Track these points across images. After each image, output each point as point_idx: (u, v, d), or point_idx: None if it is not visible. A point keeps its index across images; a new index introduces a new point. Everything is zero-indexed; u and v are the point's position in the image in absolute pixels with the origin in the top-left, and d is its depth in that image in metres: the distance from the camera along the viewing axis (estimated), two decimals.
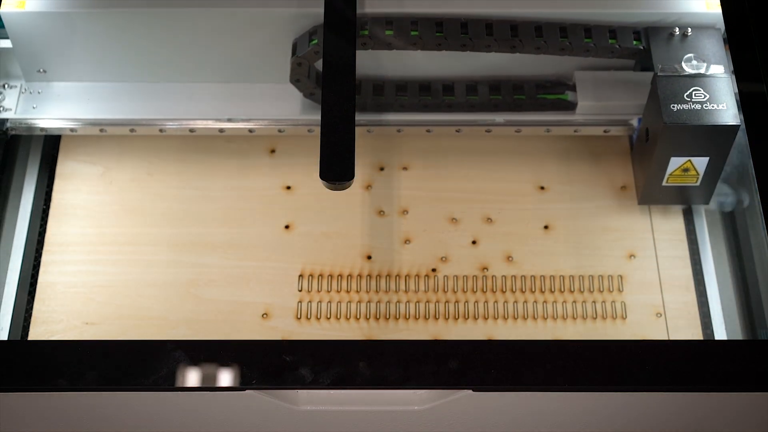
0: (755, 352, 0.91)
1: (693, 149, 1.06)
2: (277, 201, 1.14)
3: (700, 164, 1.07)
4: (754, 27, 1.10)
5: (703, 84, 1.05)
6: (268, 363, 0.89)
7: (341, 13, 1.05)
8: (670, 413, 0.96)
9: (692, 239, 1.12)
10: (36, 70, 1.16)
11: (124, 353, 0.90)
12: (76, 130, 1.15)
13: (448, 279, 1.09)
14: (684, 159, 1.06)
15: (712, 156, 1.06)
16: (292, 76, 1.12)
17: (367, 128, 1.16)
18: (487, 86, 1.15)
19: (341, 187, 0.95)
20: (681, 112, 1.03)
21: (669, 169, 1.07)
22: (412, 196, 1.14)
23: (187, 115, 1.15)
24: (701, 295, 1.09)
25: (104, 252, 1.10)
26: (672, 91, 1.05)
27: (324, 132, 0.97)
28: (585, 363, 0.89)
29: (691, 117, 1.03)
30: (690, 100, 1.04)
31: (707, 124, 1.03)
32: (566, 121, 1.15)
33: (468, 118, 1.15)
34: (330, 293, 1.08)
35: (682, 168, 1.07)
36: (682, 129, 1.03)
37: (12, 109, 1.15)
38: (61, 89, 1.16)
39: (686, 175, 1.07)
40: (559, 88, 1.16)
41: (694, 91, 1.04)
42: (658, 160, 1.07)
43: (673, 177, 1.08)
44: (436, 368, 0.88)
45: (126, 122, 1.15)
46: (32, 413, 0.95)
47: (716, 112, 1.03)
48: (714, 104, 1.04)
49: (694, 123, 1.03)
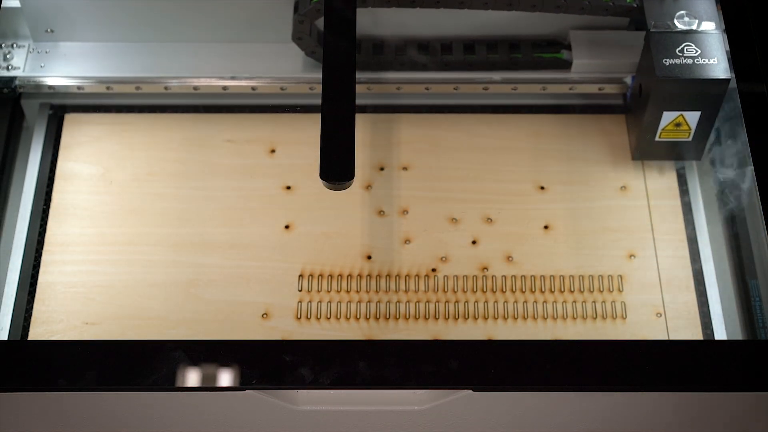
0: (755, 352, 0.91)
1: (685, 103, 1.08)
2: (277, 201, 1.14)
3: (692, 119, 1.09)
4: (754, 27, 1.10)
5: (694, 40, 1.08)
6: (268, 363, 0.89)
7: (341, 13, 1.05)
8: (670, 413, 0.96)
9: (692, 241, 1.12)
10: (44, 30, 1.19)
11: (124, 353, 0.90)
12: (83, 88, 1.18)
13: (448, 279, 1.09)
14: (676, 113, 1.09)
15: (704, 110, 1.09)
16: (295, 34, 1.14)
17: (367, 86, 1.18)
18: (484, 45, 1.18)
19: (341, 187, 0.95)
20: (673, 66, 1.06)
21: (662, 124, 1.10)
22: (412, 196, 1.15)
23: (191, 73, 1.18)
24: (701, 295, 1.09)
25: (104, 252, 1.10)
26: (664, 47, 1.07)
27: (324, 132, 0.97)
28: (585, 363, 0.89)
29: (683, 71, 1.06)
30: (682, 55, 1.07)
31: (699, 77, 1.06)
32: (562, 79, 1.18)
33: (465, 76, 1.18)
34: (330, 293, 1.08)
35: (675, 123, 1.09)
36: (674, 83, 1.06)
37: (20, 68, 1.18)
38: (68, 49, 1.20)
39: (678, 129, 1.10)
40: (555, 47, 1.18)
41: (686, 47, 1.07)
42: (650, 114, 1.09)
43: (666, 132, 1.10)
44: (436, 368, 0.88)
45: (131, 80, 1.18)
46: (32, 413, 0.96)
47: (707, 66, 1.06)
48: (705, 59, 1.06)
49: (686, 77, 1.06)
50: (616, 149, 1.18)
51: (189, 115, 1.20)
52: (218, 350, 0.90)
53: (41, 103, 1.19)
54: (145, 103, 1.20)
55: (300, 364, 0.88)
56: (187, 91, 1.18)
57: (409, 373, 0.88)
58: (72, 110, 1.20)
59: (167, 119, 1.19)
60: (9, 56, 1.19)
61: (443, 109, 1.20)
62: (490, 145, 1.18)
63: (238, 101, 1.20)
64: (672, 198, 1.14)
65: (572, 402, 0.95)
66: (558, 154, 1.17)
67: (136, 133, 1.18)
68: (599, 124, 1.20)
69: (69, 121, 1.19)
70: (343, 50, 1.03)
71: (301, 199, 1.14)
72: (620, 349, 0.92)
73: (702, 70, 1.06)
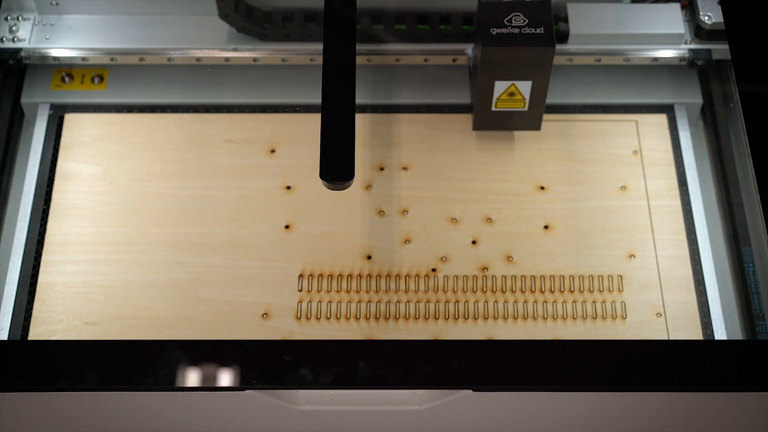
0: (755, 352, 0.91)
1: (515, 73, 1.09)
2: (277, 201, 1.14)
3: (525, 88, 1.10)
4: (754, 27, 1.10)
5: (523, 9, 1.09)
6: (268, 363, 0.89)
7: (341, 13, 1.05)
8: (670, 413, 0.96)
9: (692, 241, 1.12)
10: (49, 2, 1.21)
11: (124, 353, 0.90)
12: (88, 59, 1.20)
13: (448, 279, 1.09)
14: (508, 83, 1.10)
15: (535, 79, 1.10)
16: (221, 12, 1.17)
17: (366, 57, 1.19)
18: None
19: (341, 187, 0.95)
20: (499, 36, 1.07)
21: (495, 94, 1.11)
22: (412, 196, 1.15)
23: (194, 45, 1.19)
24: (701, 295, 1.09)
25: (104, 252, 1.10)
26: (493, 16, 1.08)
27: (324, 132, 0.97)
28: (585, 363, 0.89)
29: (509, 40, 1.07)
30: (510, 25, 1.08)
31: (522, 46, 1.07)
32: (559, 50, 1.18)
33: (463, 47, 1.19)
34: (330, 293, 1.08)
35: (508, 92, 1.10)
36: (500, 52, 1.08)
37: (26, 40, 1.20)
38: (73, 21, 1.21)
39: (513, 99, 1.11)
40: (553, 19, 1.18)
41: (514, 16, 1.08)
42: (483, 84, 1.11)
43: (501, 102, 1.12)
44: (436, 368, 0.88)
45: (135, 51, 1.19)
46: (32, 413, 0.96)
47: (533, 35, 1.07)
48: (532, 28, 1.08)
49: (511, 45, 1.07)
50: (616, 149, 1.18)
51: (189, 115, 1.20)
52: (218, 350, 0.90)
53: (41, 103, 1.19)
54: (145, 103, 1.20)
55: (300, 364, 0.88)
56: (189, 63, 1.20)
57: (409, 373, 0.88)
58: (72, 110, 1.20)
59: (167, 119, 1.19)
60: (15, 28, 1.21)
61: (443, 109, 1.21)
62: (490, 145, 1.18)
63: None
64: (672, 198, 1.14)
65: (572, 402, 0.95)
66: (558, 154, 1.17)
67: (136, 133, 1.18)
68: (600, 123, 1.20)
69: (69, 121, 1.19)
70: (343, 50, 1.03)
71: (301, 199, 1.14)
72: (620, 349, 0.92)
73: (527, 39, 1.07)
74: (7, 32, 1.20)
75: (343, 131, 0.97)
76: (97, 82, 1.21)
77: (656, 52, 1.19)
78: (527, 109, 1.13)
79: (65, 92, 1.21)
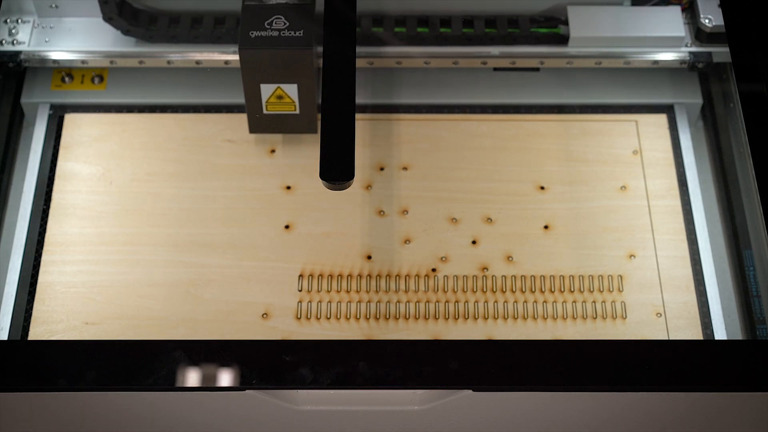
0: (755, 352, 0.91)
1: (278, 76, 1.09)
2: (277, 201, 1.14)
3: (292, 91, 1.10)
4: (754, 27, 1.10)
5: (284, 12, 1.09)
6: (268, 363, 0.89)
7: (341, 13, 1.05)
8: (670, 413, 0.96)
9: (692, 241, 1.12)
10: (48, 5, 1.20)
11: (124, 353, 0.90)
12: (87, 62, 1.19)
13: (448, 279, 1.09)
14: (274, 86, 1.10)
15: (299, 82, 1.09)
16: (104, 15, 1.17)
17: (367, 60, 1.19)
18: (483, 20, 1.19)
19: (341, 187, 0.95)
20: (258, 38, 1.07)
21: (263, 97, 1.11)
22: (412, 196, 1.15)
23: (194, 48, 1.19)
24: (701, 295, 1.09)
25: (104, 252, 1.10)
26: (255, 19, 1.08)
27: (324, 132, 0.97)
28: (585, 363, 0.89)
29: (266, 43, 1.07)
30: (270, 27, 1.07)
31: (278, 48, 1.06)
32: (559, 53, 1.18)
33: (464, 50, 1.19)
34: (330, 293, 1.08)
35: (276, 95, 1.10)
36: (257, 55, 1.07)
37: (25, 43, 1.20)
38: (73, 24, 1.21)
39: (282, 102, 1.11)
40: (553, 22, 1.19)
41: (276, 19, 1.08)
42: (249, 87, 1.10)
43: (272, 105, 1.11)
44: (436, 368, 0.88)
45: (135, 54, 1.19)
46: (32, 413, 0.96)
47: (291, 38, 1.07)
48: (292, 31, 1.07)
49: (267, 48, 1.07)
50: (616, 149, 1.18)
51: (189, 115, 1.20)
52: (218, 350, 0.90)
53: (41, 103, 1.19)
54: (145, 103, 1.20)
55: (300, 364, 0.88)
56: (189, 66, 1.20)
57: (409, 373, 0.88)
58: (72, 110, 1.20)
59: (167, 119, 1.19)
60: (14, 31, 1.20)
61: (443, 109, 1.21)
62: (490, 145, 1.18)
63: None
64: (672, 198, 1.14)
65: (572, 402, 0.95)
66: (558, 154, 1.17)
67: (136, 133, 1.18)
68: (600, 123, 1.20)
69: (69, 121, 1.19)
70: (343, 50, 1.03)
71: (301, 199, 1.14)
72: (620, 349, 0.92)
73: (283, 42, 1.06)
74: (7, 35, 1.20)
75: (343, 131, 0.97)
76: (97, 82, 1.21)
77: (657, 55, 1.19)
78: (299, 112, 1.12)
79: (65, 92, 1.21)
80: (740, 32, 1.11)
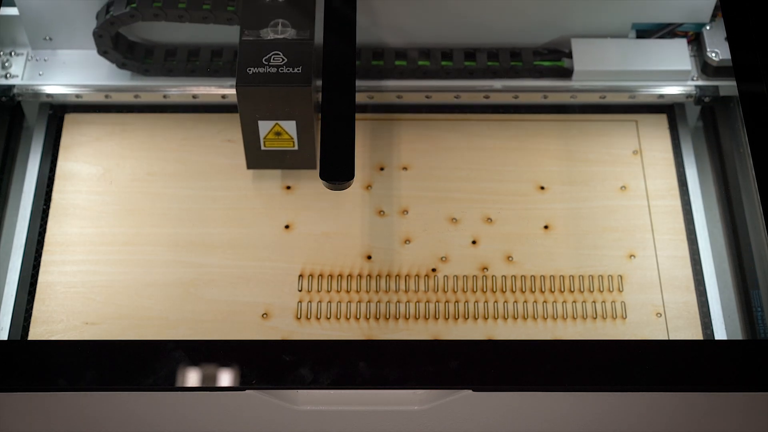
0: (755, 352, 0.91)
1: (276, 113, 1.06)
2: (277, 201, 1.14)
3: (290, 128, 1.08)
4: (754, 27, 1.10)
5: (283, 48, 1.06)
6: (268, 363, 0.89)
7: (341, 13, 1.05)
8: (670, 413, 0.96)
9: (692, 241, 1.12)
10: (42, 37, 1.18)
11: (124, 353, 0.90)
12: (82, 96, 1.17)
13: (448, 279, 1.09)
14: (272, 123, 1.07)
15: (298, 119, 1.07)
16: (99, 49, 1.14)
17: (367, 94, 1.17)
18: (485, 53, 1.17)
19: (341, 187, 0.95)
20: (256, 75, 1.04)
21: (261, 134, 1.08)
22: (412, 196, 1.15)
23: (190, 82, 1.17)
24: (701, 295, 1.09)
25: (104, 252, 1.10)
26: (253, 55, 1.05)
27: (324, 132, 0.97)
28: (585, 363, 0.89)
29: (264, 80, 1.04)
30: (268, 64, 1.05)
31: (276, 86, 1.04)
32: (563, 87, 1.17)
33: (466, 84, 1.17)
34: (330, 293, 1.08)
35: (274, 132, 1.08)
36: (255, 92, 1.04)
37: (19, 76, 1.18)
38: (67, 57, 1.19)
39: (281, 139, 1.09)
40: (556, 55, 1.18)
41: (273, 55, 1.05)
42: (247, 124, 1.08)
43: (270, 141, 1.09)
44: (436, 368, 0.88)
45: (130, 88, 1.17)
46: (32, 413, 0.96)
47: (289, 75, 1.04)
48: (290, 68, 1.04)
49: (265, 85, 1.04)
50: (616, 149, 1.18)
51: (189, 115, 1.20)
52: (218, 350, 0.90)
53: (41, 103, 1.19)
54: (145, 103, 1.20)
55: (300, 364, 0.88)
56: (185, 101, 1.18)
57: (409, 373, 0.88)
58: (72, 110, 1.20)
59: (167, 119, 1.19)
60: (7, 64, 1.18)
61: (443, 110, 1.20)
62: (490, 145, 1.18)
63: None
64: (672, 198, 1.14)
65: (572, 402, 0.95)
66: (558, 154, 1.17)
67: (136, 133, 1.18)
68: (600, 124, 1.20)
69: (69, 121, 1.19)
70: (343, 51, 1.03)
71: (301, 199, 1.14)
72: (620, 349, 0.92)
73: (282, 79, 1.04)
74: (0, 68, 1.18)
75: (343, 131, 0.97)
76: None
77: (662, 89, 1.17)
78: (297, 149, 1.10)
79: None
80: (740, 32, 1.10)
